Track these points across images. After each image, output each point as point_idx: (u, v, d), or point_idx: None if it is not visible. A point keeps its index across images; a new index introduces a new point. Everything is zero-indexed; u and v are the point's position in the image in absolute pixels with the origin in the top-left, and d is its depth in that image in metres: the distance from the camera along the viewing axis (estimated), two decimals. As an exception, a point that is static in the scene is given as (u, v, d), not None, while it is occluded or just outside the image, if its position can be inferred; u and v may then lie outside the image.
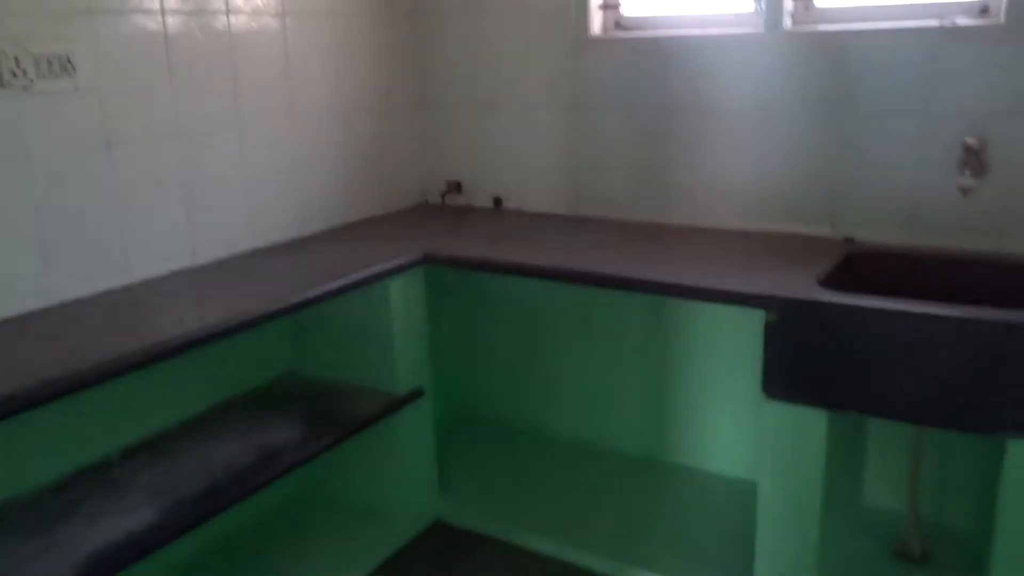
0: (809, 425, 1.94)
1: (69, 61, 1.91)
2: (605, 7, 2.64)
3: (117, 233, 2.06)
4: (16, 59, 1.82)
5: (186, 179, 2.22)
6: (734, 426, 2.64)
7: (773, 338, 1.91)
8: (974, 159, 2.09)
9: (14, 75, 1.82)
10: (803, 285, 1.93)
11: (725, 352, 2.58)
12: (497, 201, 2.92)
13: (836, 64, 2.27)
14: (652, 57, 2.53)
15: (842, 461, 2.17)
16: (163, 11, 2.11)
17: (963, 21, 2.14)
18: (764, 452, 2.03)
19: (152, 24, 2.09)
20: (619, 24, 2.65)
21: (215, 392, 2.35)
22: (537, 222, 2.72)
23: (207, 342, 1.79)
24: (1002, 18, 2.07)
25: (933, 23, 2.15)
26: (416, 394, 2.43)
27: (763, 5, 2.36)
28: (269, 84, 2.43)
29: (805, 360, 1.89)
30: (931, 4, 2.20)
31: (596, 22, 2.64)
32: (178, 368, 2.08)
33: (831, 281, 2.00)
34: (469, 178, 2.97)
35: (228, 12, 2.28)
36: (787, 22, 2.35)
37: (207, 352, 1.99)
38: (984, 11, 2.14)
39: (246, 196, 2.40)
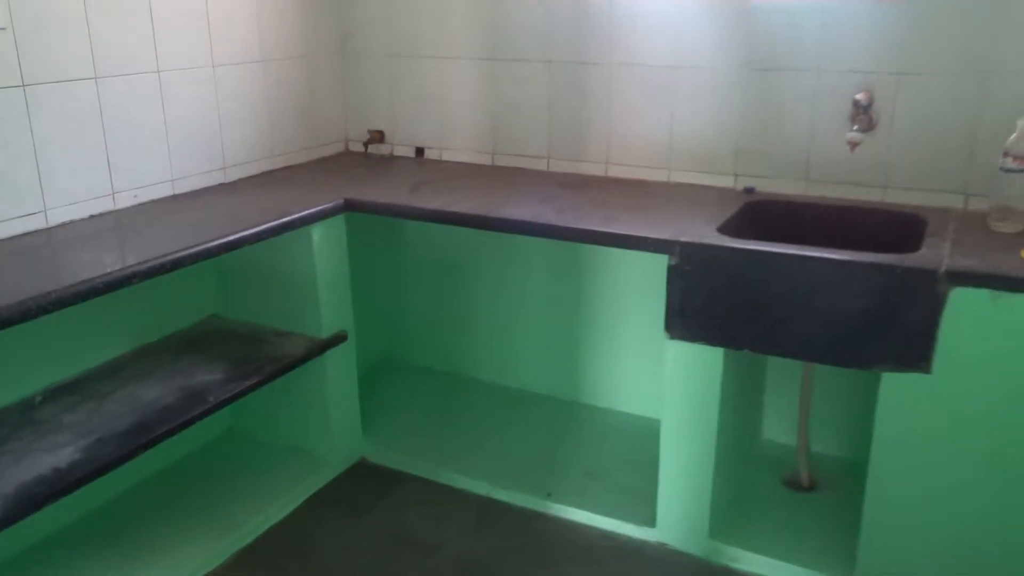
0: (707, 363, 2.10)
1: (-19, -1, 1.89)
2: (525, -40, 2.71)
3: (34, 175, 2.06)
4: (-75, -4, 1.79)
5: (105, 121, 2.22)
6: (642, 368, 2.79)
7: (674, 281, 2.05)
8: (863, 115, 2.25)
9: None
10: (703, 231, 2.07)
11: (634, 297, 2.73)
12: (419, 151, 2.98)
13: (738, 20, 2.39)
14: (569, 11, 2.61)
15: (739, 398, 2.34)
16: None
17: (857, -15, 2.28)
18: (667, 389, 2.18)
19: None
20: (538, -22, 2.71)
21: (139, 335, 2.38)
22: (458, 171, 2.80)
23: (130, 282, 1.82)
24: (891, -17, 2.22)
25: (830, -14, 2.29)
26: (339, 338, 2.50)
27: (675, -37, 2.46)
28: (189, 27, 2.42)
29: (703, 301, 2.03)
30: (829, -32, 2.33)
31: (516, -24, 2.70)
32: (100, 310, 2.11)
33: (729, 228, 2.14)
34: (392, 127, 3.02)
35: (145, -47, 2.27)
36: (697, -19, 2.45)
37: (130, 294, 2.02)
38: (876, -24, 2.28)
39: (167, 141, 2.41)
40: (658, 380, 2.69)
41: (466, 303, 3.05)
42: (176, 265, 1.93)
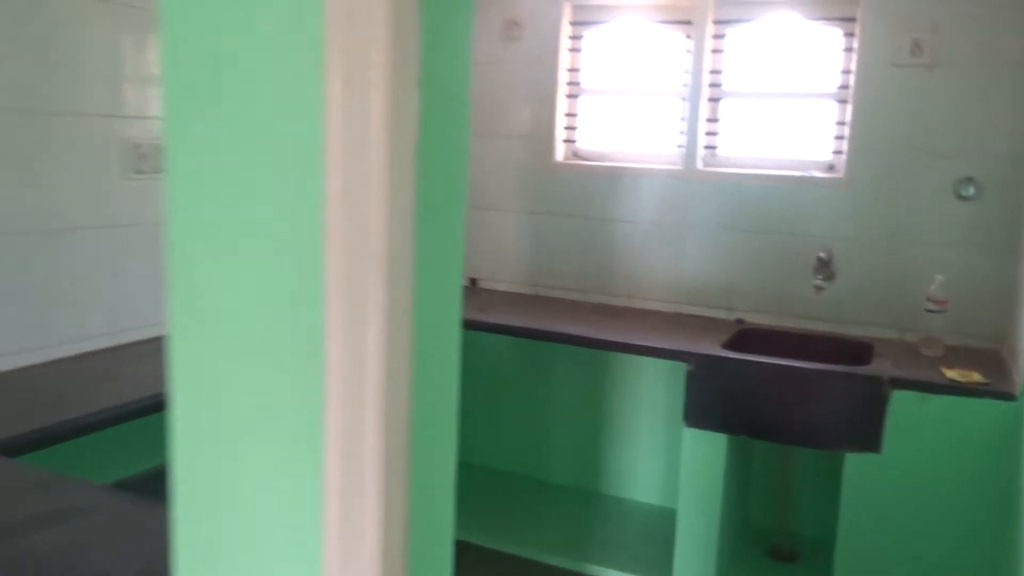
0: (714, 446, 2.76)
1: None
2: (567, 140, 3.54)
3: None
4: (168, 154, 2.51)
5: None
6: (657, 463, 3.44)
7: (691, 383, 2.75)
8: (825, 267, 3.04)
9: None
10: (711, 347, 2.79)
11: (649, 404, 3.41)
12: (473, 281, 3.70)
13: (732, 195, 3.21)
14: (600, 180, 3.43)
15: (736, 477, 2.99)
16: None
17: (817, 174, 3.13)
18: (683, 466, 2.83)
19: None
20: (576, 154, 3.55)
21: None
22: (509, 299, 3.51)
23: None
24: (842, 174, 3.07)
25: (798, 173, 3.14)
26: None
27: (683, 150, 3.30)
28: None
29: (712, 398, 2.73)
30: (796, 160, 3.19)
31: (559, 151, 3.53)
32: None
33: (729, 345, 2.87)
34: (450, 262, 3.74)
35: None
36: (699, 163, 3.29)
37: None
38: (831, 168, 3.14)
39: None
40: (669, 473, 3.37)
41: (508, 406, 3.69)
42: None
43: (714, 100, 3.29)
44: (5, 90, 2.10)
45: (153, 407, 2.07)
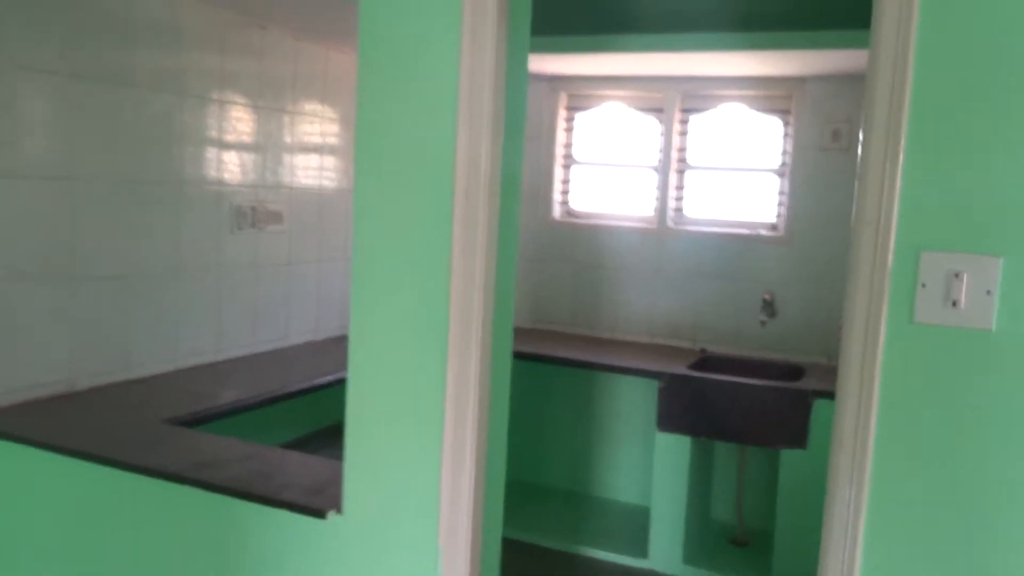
0: (681, 447, 3.49)
1: (280, 215, 3.35)
2: (561, 202, 4.32)
3: (286, 313, 3.44)
4: (260, 212, 3.25)
5: (320, 292, 3.64)
6: (634, 468, 4.15)
7: (663, 396, 3.49)
8: (768, 307, 3.82)
9: (257, 221, 3.24)
10: (680, 368, 3.54)
11: (628, 417, 4.13)
12: (482, 317, 4.43)
13: (695, 248, 3.99)
14: (589, 234, 4.20)
15: (699, 475, 3.71)
16: (320, 179, 3.59)
17: (763, 232, 3.92)
18: (656, 463, 3.55)
19: (324, 190, 3.57)
20: (569, 213, 4.32)
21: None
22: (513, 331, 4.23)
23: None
24: (782, 233, 3.87)
25: (747, 231, 3.93)
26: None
27: (656, 211, 4.09)
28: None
29: (679, 408, 3.46)
30: (746, 221, 3.98)
31: (556, 210, 4.30)
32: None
33: (694, 367, 3.62)
34: (463, 301, 4.48)
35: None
36: (669, 222, 4.08)
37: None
38: (774, 228, 3.93)
39: (343, 301, 3.81)
40: (642, 477, 4.08)
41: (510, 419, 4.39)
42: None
43: (680, 171, 4.09)
44: (152, 166, 2.83)
45: (270, 400, 2.79)
